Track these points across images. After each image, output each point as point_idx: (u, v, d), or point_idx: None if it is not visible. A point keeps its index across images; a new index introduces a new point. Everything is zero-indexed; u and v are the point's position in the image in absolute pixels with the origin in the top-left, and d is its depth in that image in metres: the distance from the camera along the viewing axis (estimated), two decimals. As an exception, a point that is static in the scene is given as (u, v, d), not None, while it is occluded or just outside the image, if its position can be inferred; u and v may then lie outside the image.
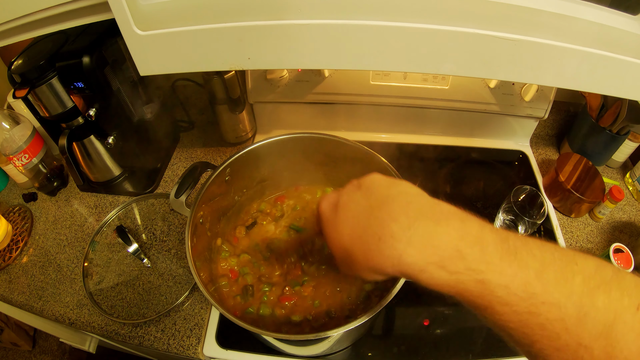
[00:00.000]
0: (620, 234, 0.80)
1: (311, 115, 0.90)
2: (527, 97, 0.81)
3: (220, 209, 0.66)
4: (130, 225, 0.81)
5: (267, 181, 0.71)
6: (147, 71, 0.46)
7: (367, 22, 0.39)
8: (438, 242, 0.30)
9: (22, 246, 0.79)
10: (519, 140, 0.94)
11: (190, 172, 0.63)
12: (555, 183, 0.81)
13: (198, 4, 0.39)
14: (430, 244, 0.30)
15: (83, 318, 0.69)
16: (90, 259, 0.75)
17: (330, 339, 0.55)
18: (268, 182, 0.72)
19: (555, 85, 0.44)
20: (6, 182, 0.91)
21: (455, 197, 0.84)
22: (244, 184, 0.68)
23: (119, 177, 0.87)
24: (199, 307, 0.69)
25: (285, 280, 0.62)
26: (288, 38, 0.41)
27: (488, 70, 0.42)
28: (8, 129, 0.76)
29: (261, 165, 0.67)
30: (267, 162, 0.68)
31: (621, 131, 0.81)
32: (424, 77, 0.82)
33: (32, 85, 0.67)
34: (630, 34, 0.38)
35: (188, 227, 0.55)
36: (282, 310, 0.59)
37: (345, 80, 0.83)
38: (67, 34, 0.70)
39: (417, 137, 0.94)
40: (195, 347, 0.65)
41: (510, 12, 0.37)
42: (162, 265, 0.74)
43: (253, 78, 0.84)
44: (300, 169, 0.71)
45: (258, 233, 0.68)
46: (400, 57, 0.42)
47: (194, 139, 0.97)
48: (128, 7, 0.39)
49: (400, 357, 0.63)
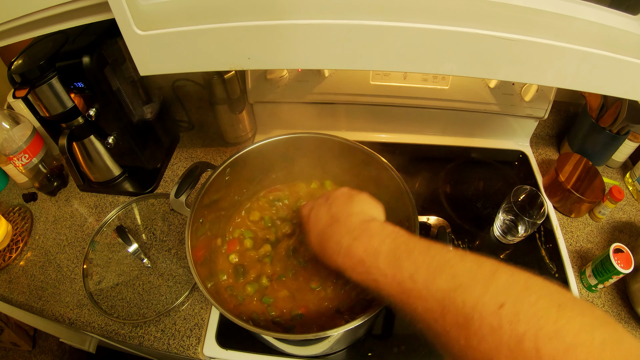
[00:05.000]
0: (620, 234, 0.80)
1: (311, 115, 0.90)
2: (527, 97, 0.81)
3: (220, 209, 0.66)
4: (130, 225, 0.81)
5: (267, 181, 0.71)
6: (147, 71, 0.46)
7: (367, 22, 0.39)
8: (352, 253, 0.42)
9: (22, 246, 0.79)
10: (519, 140, 0.94)
11: (190, 172, 0.63)
12: (555, 183, 0.81)
13: (198, 4, 0.39)
14: (348, 254, 0.42)
15: (83, 318, 0.69)
16: (90, 259, 0.75)
17: (330, 339, 0.55)
18: (268, 182, 0.72)
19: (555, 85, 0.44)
20: (6, 182, 0.92)
21: (455, 197, 0.84)
22: (244, 184, 0.68)
23: (119, 177, 0.87)
24: (199, 307, 0.69)
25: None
26: (288, 38, 0.41)
27: (488, 70, 0.42)
28: (8, 129, 0.76)
29: (261, 165, 0.67)
30: (267, 162, 0.68)
31: (621, 131, 0.81)
32: (424, 77, 0.82)
33: (32, 85, 0.67)
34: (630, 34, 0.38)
35: (188, 227, 0.55)
36: (274, 289, 0.61)
37: (345, 80, 0.83)
38: (67, 34, 0.70)
39: (417, 137, 0.94)
40: (195, 347, 0.65)
41: (510, 12, 0.37)
42: (162, 265, 0.74)
43: (253, 78, 0.84)
44: (300, 168, 0.71)
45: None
46: (400, 57, 0.42)
47: (194, 139, 0.97)
48: (128, 7, 0.39)
49: (400, 357, 0.63)
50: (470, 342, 0.31)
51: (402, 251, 0.38)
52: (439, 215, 0.80)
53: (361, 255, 0.40)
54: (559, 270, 0.73)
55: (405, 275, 0.36)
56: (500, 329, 0.29)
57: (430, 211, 0.81)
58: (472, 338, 0.31)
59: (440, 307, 0.33)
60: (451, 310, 0.32)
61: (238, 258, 0.65)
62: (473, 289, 0.32)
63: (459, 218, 0.80)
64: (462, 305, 0.32)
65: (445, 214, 0.80)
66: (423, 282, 0.35)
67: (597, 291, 0.71)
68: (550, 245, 0.76)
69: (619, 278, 0.66)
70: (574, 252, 0.77)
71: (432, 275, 0.35)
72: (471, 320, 0.31)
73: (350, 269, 0.42)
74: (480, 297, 0.31)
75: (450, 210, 0.82)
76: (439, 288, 0.33)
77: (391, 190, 0.61)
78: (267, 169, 0.69)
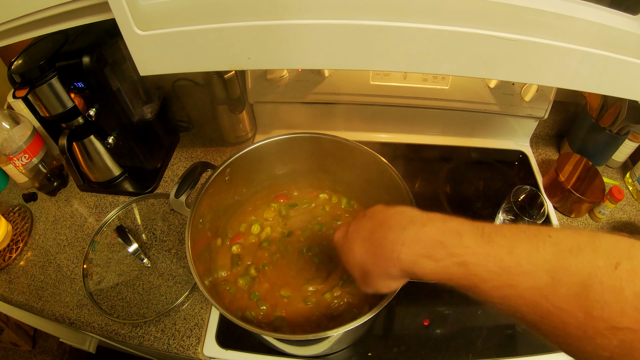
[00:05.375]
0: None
1: (311, 115, 0.90)
2: (527, 97, 0.81)
3: (220, 209, 0.66)
4: (130, 225, 0.81)
5: (267, 181, 0.71)
6: (147, 71, 0.46)
7: (367, 22, 0.39)
8: (424, 238, 0.36)
9: (22, 246, 0.79)
10: (519, 140, 0.94)
11: (190, 172, 0.63)
12: (555, 183, 0.81)
13: (198, 4, 0.39)
14: (418, 240, 0.36)
15: (83, 318, 0.69)
16: (90, 259, 0.75)
17: (330, 339, 0.55)
18: (268, 182, 0.72)
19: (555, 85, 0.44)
20: (6, 182, 0.91)
21: (455, 197, 0.84)
22: (244, 184, 0.68)
23: (119, 177, 0.87)
24: (199, 307, 0.69)
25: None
26: (288, 38, 0.41)
27: (488, 70, 0.42)
28: (8, 129, 0.76)
29: (261, 165, 0.67)
30: (267, 162, 0.68)
31: (621, 131, 0.81)
32: (424, 77, 0.82)
33: (32, 85, 0.67)
34: (630, 34, 0.38)
35: (188, 227, 0.55)
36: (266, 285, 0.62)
37: (345, 80, 0.83)
38: (67, 34, 0.70)
39: (417, 137, 0.94)
40: (195, 347, 0.65)
41: (511, 12, 0.37)
42: (162, 265, 0.74)
43: (253, 78, 0.84)
44: (300, 168, 0.71)
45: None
46: (400, 57, 0.42)
47: (194, 139, 0.97)
48: (128, 7, 0.39)
49: (400, 357, 0.63)
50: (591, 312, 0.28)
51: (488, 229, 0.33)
52: (439, 215, 0.80)
53: (437, 236, 0.35)
54: (559, 270, 0.73)
55: (503, 251, 0.31)
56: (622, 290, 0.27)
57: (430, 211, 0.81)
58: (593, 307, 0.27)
59: (550, 280, 0.29)
60: (564, 282, 0.29)
61: (240, 250, 0.66)
62: (584, 254, 0.29)
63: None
64: (576, 272, 0.29)
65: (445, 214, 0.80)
66: (526, 255, 0.31)
67: (597, 291, 0.71)
68: (550, 245, 0.76)
69: (619, 278, 0.66)
70: (574, 252, 0.77)
71: (534, 246, 0.31)
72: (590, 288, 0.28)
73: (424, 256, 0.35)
74: (593, 261, 0.28)
75: (451, 210, 0.82)
76: (545, 258, 0.30)
77: (391, 191, 0.61)
78: (267, 169, 0.69)
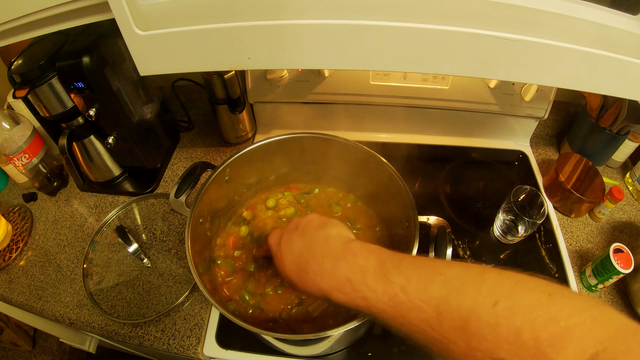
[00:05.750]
0: (620, 234, 0.80)
1: (311, 115, 0.90)
2: (527, 97, 0.81)
3: (220, 209, 0.66)
4: (130, 225, 0.81)
5: (267, 181, 0.71)
6: (147, 71, 0.46)
7: (367, 22, 0.39)
8: (336, 274, 0.40)
9: (22, 246, 0.79)
10: (519, 140, 0.94)
11: (190, 172, 0.63)
12: (555, 183, 0.81)
13: (198, 4, 0.39)
14: (331, 275, 0.41)
15: (83, 318, 0.69)
16: (90, 259, 0.75)
17: (330, 339, 0.55)
18: (268, 182, 0.72)
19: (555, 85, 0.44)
20: (6, 182, 0.91)
21: (455, 197, 0.84)
22: (244, 184, 0.68)
23: (119, 177, 0.87)
24: (199, 307, 0.69)
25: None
26: (288, 38, 0.41)
27: (488, 70, 0.42)
28: (8, 129, 0.76)
29: (261, 165, 0.67)
30: (267, 162, 0.68)
31: (621, 131, 0.81)
32: (424, 77, 0.82)
33: (32, 85, 0.67)
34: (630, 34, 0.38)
35: (188, 227, 0.55)
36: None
37: (345, 80, 0.83)
38: (67, 34, 0.70)
39: (417, 137, 0.94)
40: (195, 347, 0.65)
41: (510, 12, 0.37)
42: (162, 265, 0.74)
43: (253, 78, 0.84)
44: (300, 168, 0.71)
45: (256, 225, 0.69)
46: (401, 57, 0.42)
47: (194, 139, 0.97)
48: (128, 7, 0.39)
49: (400, 357, 0.63)
50: (470, 343, 0.31)
51: (389, 266, 0.38)
52: (439, 215, 0.80)
53: (347, 274, 0.39)
54: (559, 270, 0.73)
55: (397, 288, 0.36)
56: (498, 325, 0.30)
57: (430, 211, 0.81)
58: (471, 339, 0.31)
59: (436, 314, 0.33)
60: (447, 316, 0.33)
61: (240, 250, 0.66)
62: (466, 292, 0.33)
63: (459, 218, 0.80)
64: (458, 309, 0.32)
65: (445, 214, 0.80)
66: (416, 292, 0.35)
67: (597, 291, 0.71)
68: (550, 245, 0.76)
69: (619, 278, 0.66)
70: (574, 252, 0.77)
71: (423, 284, 0.35)
72: (468, 322, 0.31)
73: (336, 290, 0.40)
74: (474, 298, 0.32)
75: (451, 210, 0.82)
76: (432, 296, 0.34)
77: (391, 190, 0.61)
78: (267, 169, 0.69)
